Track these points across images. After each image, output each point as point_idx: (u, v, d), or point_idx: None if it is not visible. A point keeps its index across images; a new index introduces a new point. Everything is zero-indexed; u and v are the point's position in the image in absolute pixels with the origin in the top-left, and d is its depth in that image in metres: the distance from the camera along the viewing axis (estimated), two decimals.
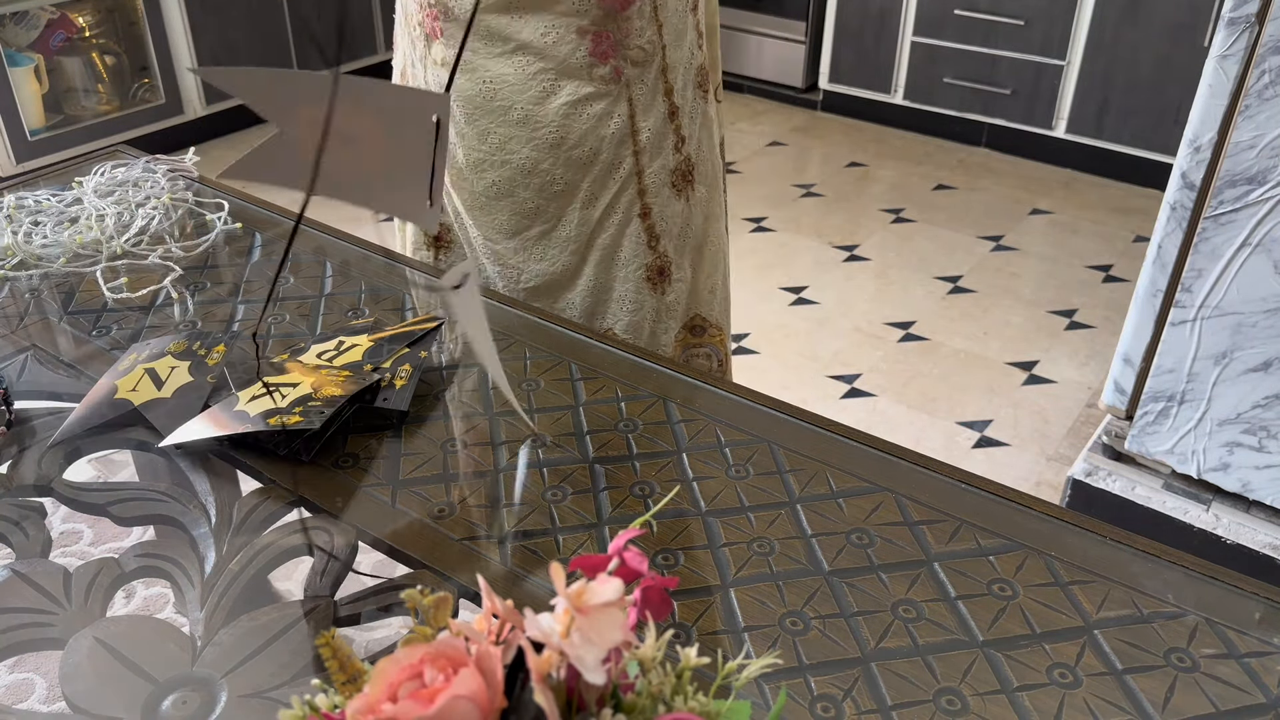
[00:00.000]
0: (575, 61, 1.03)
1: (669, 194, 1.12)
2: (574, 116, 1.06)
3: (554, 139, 1.08)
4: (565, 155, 1.08)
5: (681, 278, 1.15)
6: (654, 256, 1.13)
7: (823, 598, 0.72)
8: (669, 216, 1.13)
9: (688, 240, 1.15)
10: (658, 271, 1.14)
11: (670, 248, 1.14)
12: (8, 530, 0.79)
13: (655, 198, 1.11)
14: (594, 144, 1.08)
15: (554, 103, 1.05)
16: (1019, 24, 3.40)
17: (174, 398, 0.91)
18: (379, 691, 0.42)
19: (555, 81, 1.04)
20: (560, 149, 1.08)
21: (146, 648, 0.68)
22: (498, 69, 1.05)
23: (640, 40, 1.05)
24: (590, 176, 1.09)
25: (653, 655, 0.49)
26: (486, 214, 1.14)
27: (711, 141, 1.17)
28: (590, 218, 1.11)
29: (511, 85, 1.05)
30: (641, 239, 1.12)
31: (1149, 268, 1.72)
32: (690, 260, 1.16)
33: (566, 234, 1.11)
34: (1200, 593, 0.73)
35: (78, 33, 3.40)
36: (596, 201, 1.11)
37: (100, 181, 1.28)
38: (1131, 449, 1.82)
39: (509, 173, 1.10)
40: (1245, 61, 1.51)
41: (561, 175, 1.09)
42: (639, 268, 1.13)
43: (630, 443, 0.87)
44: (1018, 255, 3.09)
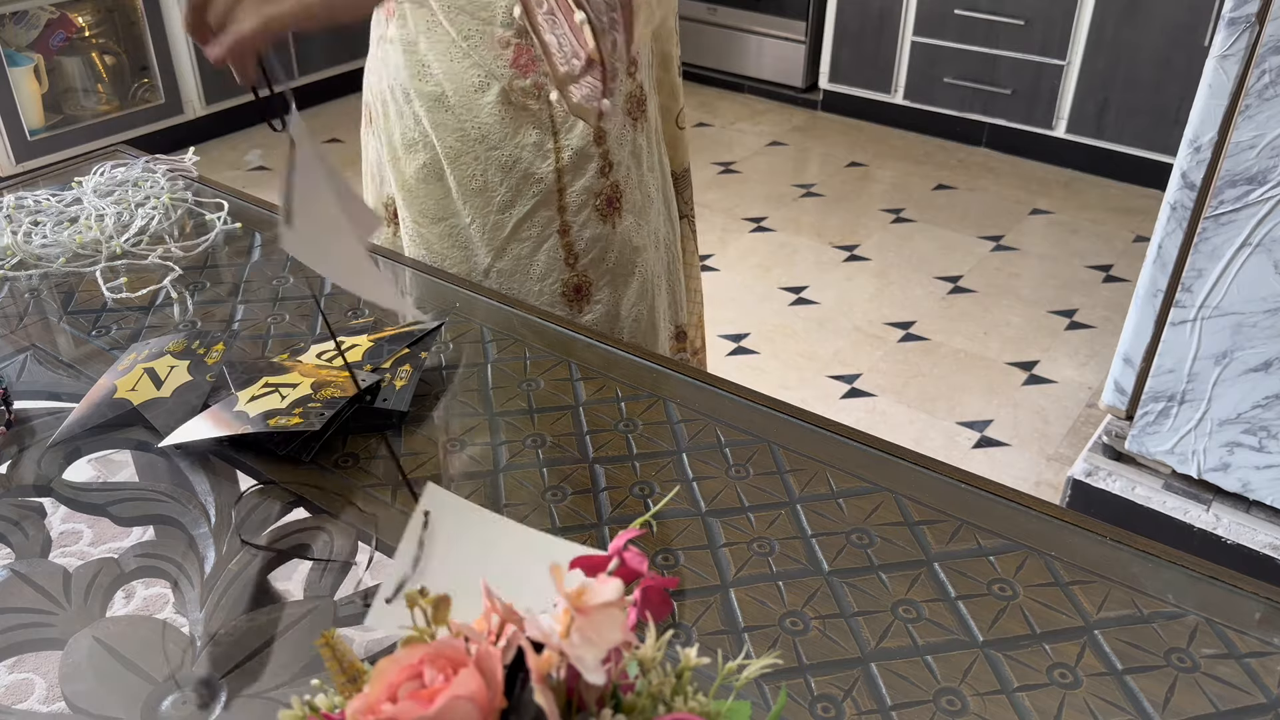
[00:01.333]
0: (498, 69, 1.06)
1: (593, 216, 1.13)
2: (498, 118, 1.08)
3: (478, 134, 1.09)
4: (486, 153, 1.10)
5: (601, 300, 1.16)
6: (571, 274, 1.14)
7: (823, 598, 0.72)
8: (590, 239, 1.13)
9: (611, 266, 1.15)
10: (574, 289, 1.15)
11: (590, 269, 1.14)
12: (8, 530, 0.79)
13: (575, 217, 1.12)
14: (513, 150, 1.10)
15: (483, 99, 1.07)
16: (1019, 24, 3.40)
17: (173, 397, 0.91)
18: (379, 691, 0.42)
19: (485, 79, 1.06)
20: (482, 145, 1.10)
21: (146, 648, 0.68)
22: (436, 54, 1.07)
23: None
24: (508, 182, 1.11)
25: (653, 655, 0.49)
26: (414, 197, 1.16)
27: (643, 171, 1.16)
28: (505, 222, 1.12)
29: (447, 73, 1.07)
30: (559, 254, 1.14)
31: (1149, 268, 1.72)
32: (612, 287, 1.16)
33: (480, 234, 1.13)
34: (1200, 593, 0.73)
35: (78, 33, 3.40)
36: (512, 208, 1.12)
37: (100, 181, 1.27)
38: (1131, 449, 1.82)
39: (434, 157, 1.12)
40: (1245, 61, 1.51)
41: (480, 172, 1.11)
42: (555, 282, 1.15)
43: (630, 443, 0.87)
44: (1018, 255, 3.09)
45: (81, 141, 3.32)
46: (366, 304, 1.08)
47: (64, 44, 3.36)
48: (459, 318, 1.05)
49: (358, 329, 1.01)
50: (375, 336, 0.99)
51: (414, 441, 0.87)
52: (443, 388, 0.95)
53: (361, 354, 0.96)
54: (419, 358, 0.95)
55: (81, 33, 3.42)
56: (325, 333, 1.02)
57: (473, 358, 0.99)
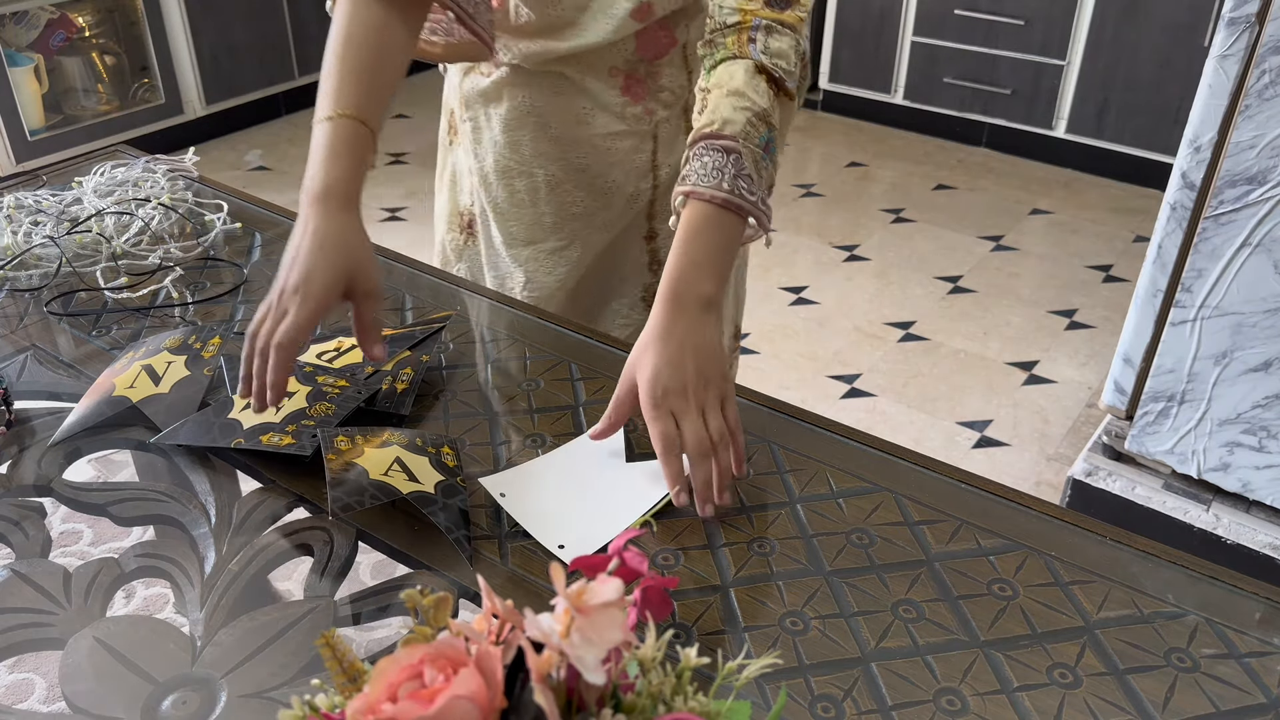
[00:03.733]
0: (608, 99, 1.06)
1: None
2: (603, 149, 1.09)
3: (581, 164, 1.09)
4: (589, 181, 1.10)
5: None
6: (654, 279, 1.14)
7: (823, 598, 0.72)
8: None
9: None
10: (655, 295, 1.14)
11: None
12: (8, 530, 0.79)
13: (663, 224, 1.12)
14: (618, 177, 1.10)
15: (587, 131, 1.07)
16: (1019, 24, 3.40)
17: (172, 393, 0.91)
18: (379, 691, 0.42)
19: (590, 111, 1.06)
20: (585, 174, 1.10)
21: (146, 648, 0.68)
22: (539, 90, 1.06)
23: (671, 84, 1.08)
24: (609, 206, 1.11)
25: (653, 655, 0.49)
26: (506, 220, 1.16)
27: None
28: (600, 242, 1.13)
29: (552, 107, 1.07)
30: (643, 260, 1.14)
31: (1149, 268, 1.72)
32: None
33: (578, 255, 1.13)
34: (1200, 593, 0.73)
35: (78, 33, 3.40)
36: (610, 228, 1.13)
37: (100, 181, 1.27)
38: (1131, 449, 1.82)
39: (533, 185, 1.12)
40: (1245, 61, 1.51)
41: (582, 199, 1.11)
42: (637, 286, 1.14)
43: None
44: (1018, 255, 3.09)
45: (81, 141, 3.32)
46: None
47: (64, 44, 3.36)
48: (459, 317, 1.05)
49: None
50: None
51: None
52: (443, 388, 0.95)
53: (362, 355, 0.96)
54: (420, 360, 0.95)
55: (81, 33, 3.41)
56: (325, 332, 1.02)
57: (472, 358, 0.99)
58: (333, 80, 0.86)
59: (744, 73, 0.87)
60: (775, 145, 0.90)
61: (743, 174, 0.84)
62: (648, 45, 1.03)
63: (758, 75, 0.87)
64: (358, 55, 0.87)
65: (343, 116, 0.84)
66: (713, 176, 0.84)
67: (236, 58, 3.72)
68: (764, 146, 0.87)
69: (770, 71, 0.87)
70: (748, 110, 0.85)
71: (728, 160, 0.84)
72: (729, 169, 0.84)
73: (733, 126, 0.85)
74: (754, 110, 0.86)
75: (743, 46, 0.88)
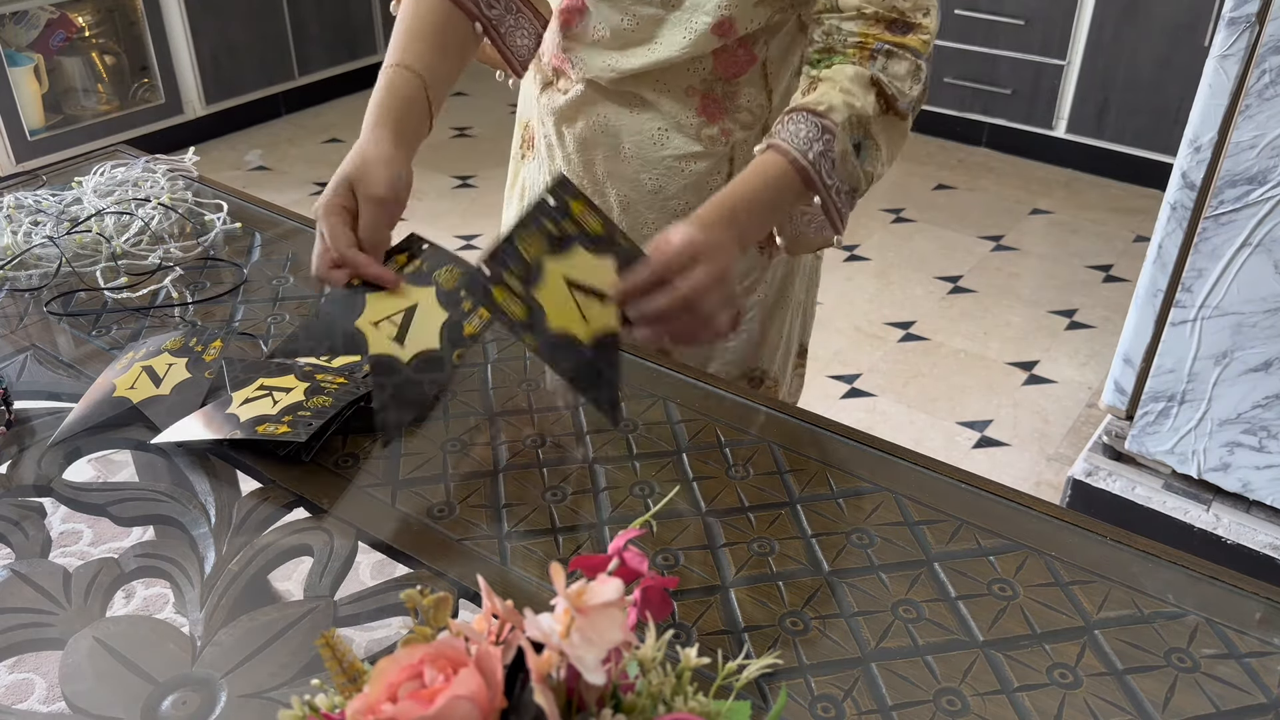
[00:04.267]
0: (684, 119, 1.03)
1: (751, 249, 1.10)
2: (677, 170, 1.06)
3: (654, 185, 1.07)
4: (661, 203, 1.08)
5: (748, 330, 1.13)
6: None
7: (823, 598, 0.72)
8: (745, 269, 1.11)
9: (761, 295, 1.13)
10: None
11: (742, 296, 1.11)
12: (8, 530, 0.79)
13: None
14: (691, 199, 1.08)
15: (661, 152, 1.05)
16: (1019, 24, 3.40)
17: (173, 394, 0.91)
18: (379, 691, 0.42)
19: (665, 132, 1.04)
20: (658, 196, 1.08)
21: (146, 648, 0.68)
22: (614, 107, 1.05)
23: (750, 104, 1.05)
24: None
25: (653, 655, 0.49)
26: None
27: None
28: None
29: (626, 127, 1.05)
30: None
31: (1149, 268, 1.72)
32: (761, 317, 1.14)
33: None
34: (1200, 593, 0.73)
35: (78, 33, 3.40)
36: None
37: (100, 181, 1.27)
38: (1132, 449, 1.82)
39: (605, 206, 1.11)
40: (1245, 61, 1.51)
41: (654, 221, 1.09)
42: None
43: (630, 443, 0.87)
44: (1018, 255, 3.09)
45: (81, 141, 3.32)
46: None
47: (64, 44, 3.36)
48: None
49: None
50: None
51: (414, 441, 0.87)
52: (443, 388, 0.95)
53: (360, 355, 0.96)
54: None
55: (81, 33, 3.41)
56: None
57: (473, 358, 0.99)
58: (398, 39, 0.96)
59: (859, 78, 0.91)
60: (868, 154, 0.93)
61: (829, 154, 0.89)
62: (727, 64, 1.00)
63: (871, 86, 0.91)
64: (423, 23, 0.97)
65: (400, 66, 0.94)
66: (804, 143, 0.88)
67: (236, 58, 3.72)
68: (855, 147, 0.91)
69: (884, 88, 0.91)
70: (852, 108, 0.90)
71: (820, 136, 0.88)
72: (818, 145, 0.88)
73: (837, 114, 0.89)
74: (857, 111, 0.90)
75: (864, 61, 0.91)
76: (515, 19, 1.02)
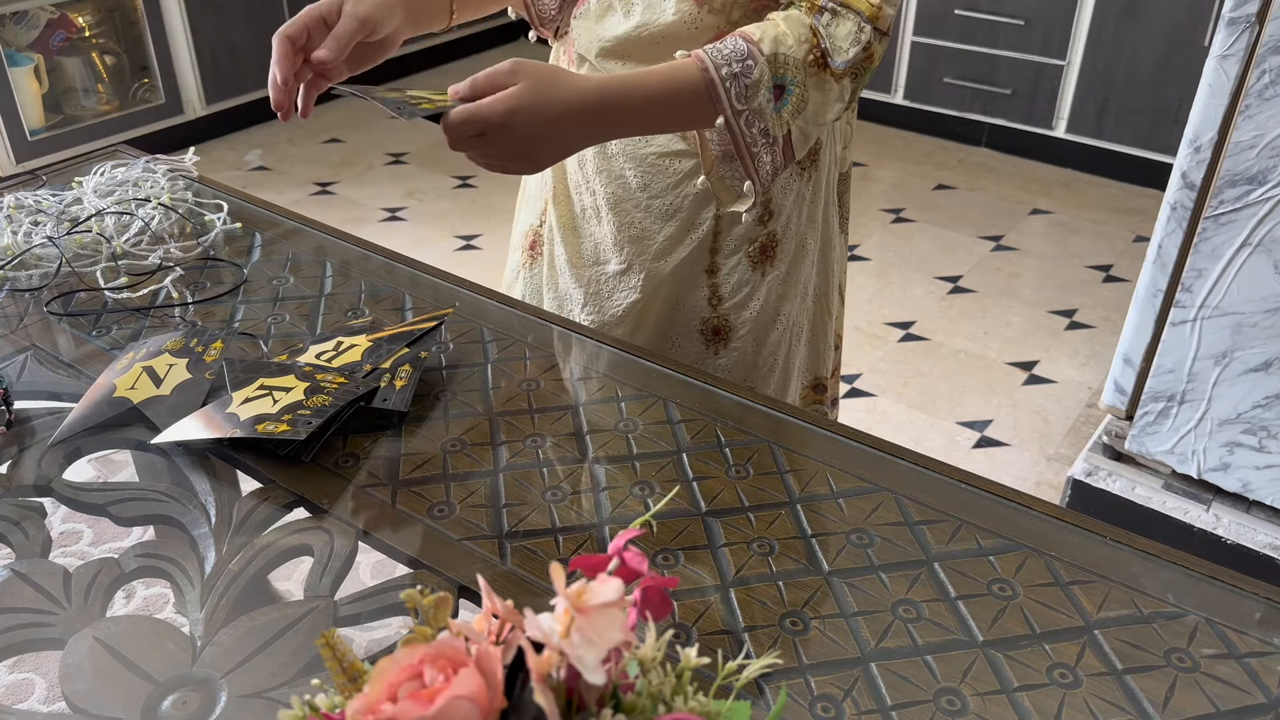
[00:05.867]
0: None
1: (743, 261, 1.10)
2: (662, 169, 1.07)
3: (640, 183, 1.08)
4: (648, 202, 1.09)
5: (740, 349, 1.13)
6: (713, 314, 1.12)
7: (823, 598, 0.72)
8: (737, 283, 1.11)
9: (754, 315, 1.12)
10: (713, 330, 1.13)
11: (733, 314, 1.12)
12: (8, 530, 0.79)
13: (726, 260, 1.10)
14: (674, 199, 1.08)
15: (647, 149, 1.06)
16: (1019, 24, 3.40)
17: (173, 395, 0.91)
18: (379, 691, 0.42)
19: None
20: (644, 194, 1.08)
21: (146, 648, 0.68)
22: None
23: None
24: (667, 230, 1.09)
25: (653, 655, 0.49)
26: (575, 236, 1.15)
27: (803, 221, 1.12)
28: (660, 271, 1.11)
29: None
30: (703, 293, 1.11)
31: (1149, 268, 1.72)
32: (754, 335, 1.13)
33: (635, 282, 1.12)
34: (1200, 593, 0.73)
35: (78, 33, 3.40)
36: (669, 256, 1.10)
37: (100, 181, 1.27)
38: (1131, 449, 1.82)
39: (595, 202, 1.11)
40: (1245, 61, 1.51)
41: (640, 220, 1.09)
42: (694, 319, 1.12)
43: (631, 443, 0.87)
44: (1018, 255, 3.09)
45: (81, 141, 3.32)
46: (366, 304, 1.08)
47: (64, 44, 3.36)
48: (459, 318, 1.05)
49: (357, 329, 1.01)
50: (374, 336, 0.99)
51: (414, 441, 0.87)
52: (443, 388, 0.95)
53: (361, 353, 0.96)
54: (419, 357, 0.95)
55: (81, 33, 3.41)
56: (324, 332, 1.02)
57: (473, 358, 0.99)
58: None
59: (798, 22, 0.92)
60: (791, 100, 0.93)
61: (745, 77, 0.90)
62: None
63: (810, 35, 0.92)
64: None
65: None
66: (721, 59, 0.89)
67: (236, 58, 3.72)
68: (776, 86, 0.91)
69: (820, 40, 0.92)
70: (781, 44, 0.91)
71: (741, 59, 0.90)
72: (735, 65, 0.90)
73: (765, 45, 0.90)
74: (786, 50, 0.91)
75: (811, 10, 0.93)
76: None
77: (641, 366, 0.98)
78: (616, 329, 1.13)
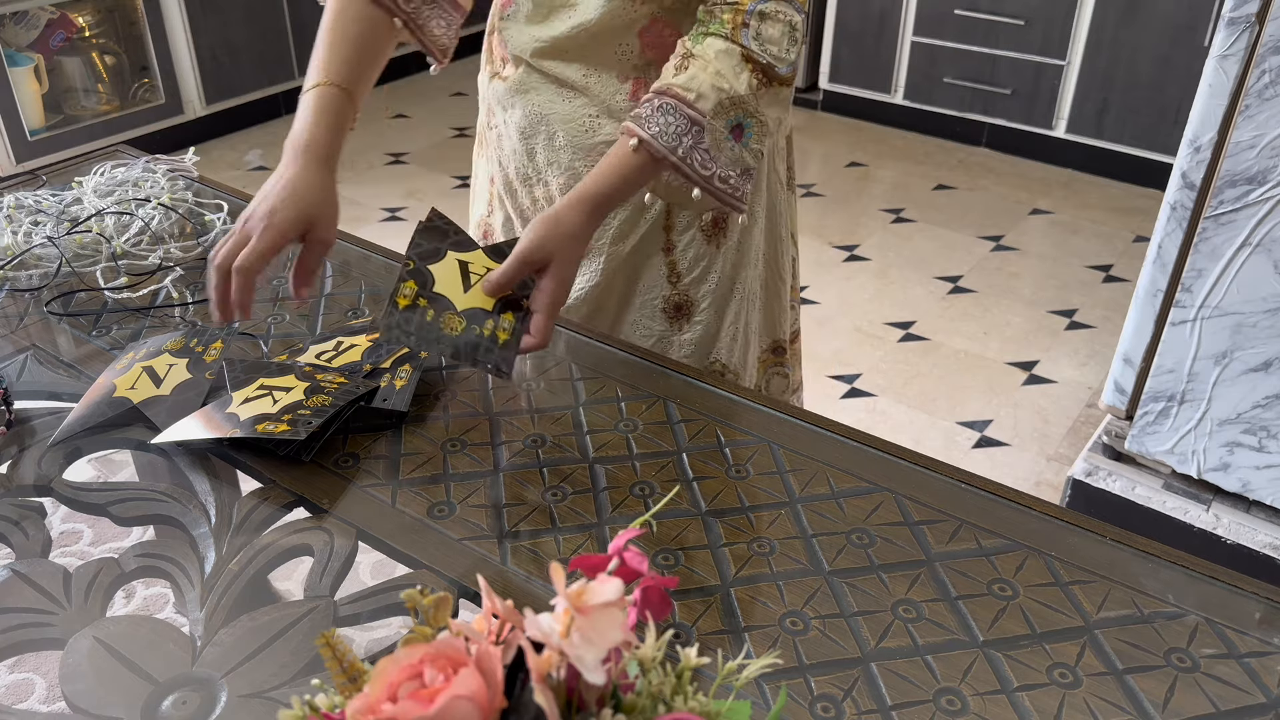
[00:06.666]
0: (616, 104, 1.05)
1: (698, 236, 1.12)
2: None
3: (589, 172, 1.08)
4: None
5: (704, 321, 1.15)
6: (673, 291, 1.14)
7: (823, 598, 0.72)
8: (694, 258, 1.13)
9: (713, 285, 1.15)
10: (675, 307, 1.15)
11: (693, 288, 1.14)
12: (8, 530, 0.79)
13: (681, 236, 1.12)
14: None
15: (594, 139, 1.07)
16: (1019, 24, 3.40)
17: (173, 395, 0.91)
18: (379, 691, 0.42)
19: (597, 119, 1.06)
20: None
21: (146, 648, 0.68)
22: (549, 97, 1.07)
23: None
24: (621, 214, 1.10)
25: (653, 655, 0.49)
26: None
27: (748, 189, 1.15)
28: (619, 253, 1.13)
29: (559, 115, 1.07)
30: (662, 271, 1.13)
31: (1149, 268, 1.72)
32: (715, 308, 1.16)
33: (595, 265, 1.13)
34: (1200, 593, 0.73)
35: (78, 33, 3.40)
36: (626, 239, 1.12)
37: (100, 181, 1.27)
38: (1131, 449, 1.82)
39: (548, 193, 1.13)
40: (1245, 61, 1.51)
41: None
42: (656, 298, 1.14)
43: (630, 442, 0.87)
44: (1018, 255, 3.09)
45: (81, 141, 3.32)
46: (365, 304, 1.08)
47: (64, 44, 3.36)
48: None
49: (357, 329, 1.01)
50: (374, 336, 0.99)
51: (414, 441, 0.87)
52: (443, 388, 0.95)
53: (360, 353, 0.96)
54: (419, 356, 0.95)
55: (81, 33, 3.41)
56: (324, 333, 1.02)
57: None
58: (321, 53, 0.96)
59: (730, 58, 0.92)
60: (753, 133, 0.94)
61: (700, 147, 0.91)
62: (652, 44, 1.02)
63: (744, 64, 0.92)
64: (345, 32, 0.97)
65: (328, 85, 0.94)
66: (673, 139, 0.91)
67: (236, 58, 3.72)
68: (733, 130, 0.93)
69: (758, 60, 0.91)
70: (724, 93, 0.91)
71: (689, 130, 0.91)
72: (687, 139, 0.91)
73: (705, 102, 0.91)
74: (730, 95, 0.91)
75: (736, 31, 0.92)
76: (432, 9, 1.03)
77: (642, 366, 0.98)
78: (576, 312, 1.15)
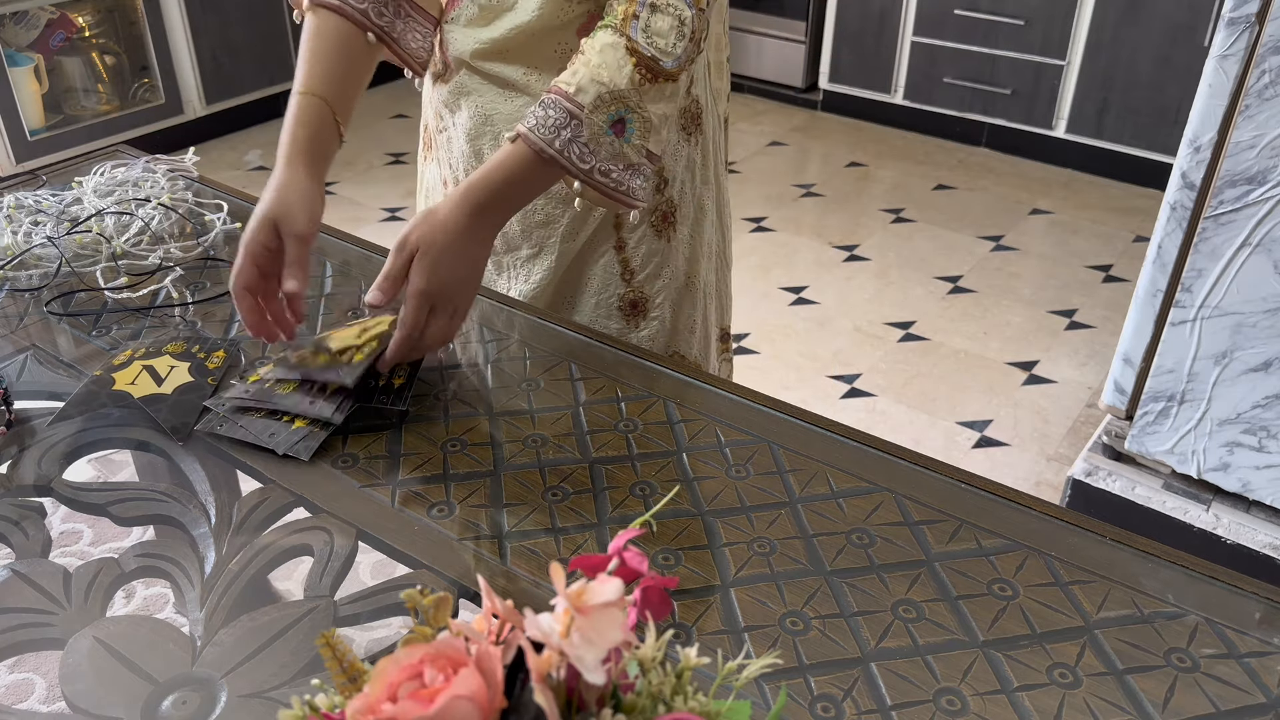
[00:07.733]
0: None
1: (649, 232, 1.13)
2: None
3: None
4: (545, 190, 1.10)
5: (659, 317, 1.16)
6: (628, 289, 1.14)
7: (823, 598, 0.72)
8: (646, 254, 1.13)
9: (667, 280, 1.15)
10: (630, 304, 1.15)
11: (647, 284, 1.15)
12: (8, 530, 0.79)
13: (632, 234, 1.12)
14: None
15: None
16: (1019, 24, 3.40)
17: (175, 394, 0.91)
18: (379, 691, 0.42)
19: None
20: None
21: (146, 648, 0.68)
22: (491, 98, 1.07)
23: None
24: (569, 212, 1.11)
25: (653, 655, 0.49)
26: None
27: (696, 184, 1.15)
28: (570, 250, 1.13)
29: (502, 115, 1.08)
30: (614, 270, 1.14)
31: (1149, 268, 1.72)
32: (671, 301, 1.16)
33: (548, 263, 1.14)
34: (1200, 593, 0.73)
35: (78, 33, 3.40)
36: (577, 236, 1.12)
37: (100, 181, 1.27)
38: (1131, 449, 1.82)
39: None
40: (1245, 61, 1.51)
41: (543, 206, 1.11)
42: (611, 296, 1.15)
43: (630, 443, 0.87)
44: (1018, 255, 3.09)
45: (81, 141, 3.32)
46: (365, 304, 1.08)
47: (64, 44, 3.36)
48: None
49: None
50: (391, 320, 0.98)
51: (414, 441, 0.87)
52: (443, 388, 0.95)
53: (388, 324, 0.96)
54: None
55: (81, 33, 3.41)
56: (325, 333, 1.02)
57: (473, 358, 0.99)
58: (300, 67, 0.99)
59: (614, 51, 0.92)
60: (636, 128, 0.94)
61: (578, 140, 0.91)
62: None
63: (629, 57, 0.92)
64: (320, 47, 0.99)
65: (307, 94, 0.97)
66: (550, 131, 0.91)
67: (236, 58, 3.72)
68: (613, 124, 0.92)
69: (643, 53, 0.91)
70: (604, 86, 0.91)
71: (568, 123, 0.91)
72: (566, 132, 0.91)
73: (584, 95, 0.91)
74: (609, 89, 0.91)
75: (626, 22, 0.92)
76: (405, 23, 1.04)
77: (642, 366, 0.98)
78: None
